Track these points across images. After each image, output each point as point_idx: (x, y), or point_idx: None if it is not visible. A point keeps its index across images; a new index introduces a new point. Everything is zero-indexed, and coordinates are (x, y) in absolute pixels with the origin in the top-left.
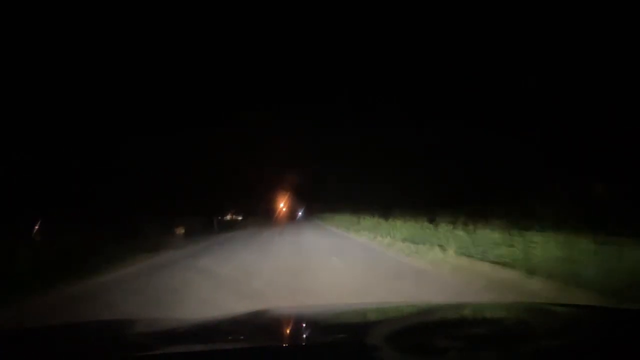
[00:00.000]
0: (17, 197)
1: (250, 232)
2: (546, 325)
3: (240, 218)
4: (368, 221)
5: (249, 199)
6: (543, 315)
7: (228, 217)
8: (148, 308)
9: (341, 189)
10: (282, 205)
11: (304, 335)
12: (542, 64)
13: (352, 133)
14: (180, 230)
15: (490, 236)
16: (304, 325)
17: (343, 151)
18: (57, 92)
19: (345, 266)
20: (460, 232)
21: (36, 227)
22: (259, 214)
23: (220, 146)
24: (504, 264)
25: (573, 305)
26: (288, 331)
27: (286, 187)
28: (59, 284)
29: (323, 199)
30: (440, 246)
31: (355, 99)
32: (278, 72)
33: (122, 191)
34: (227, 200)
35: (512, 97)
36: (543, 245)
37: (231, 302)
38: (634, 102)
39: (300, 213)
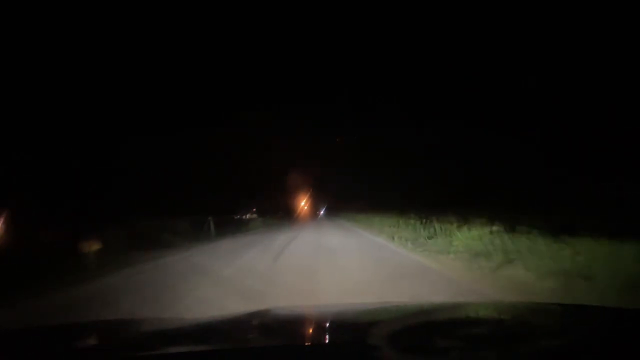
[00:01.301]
0: None
1: (251, 239)
2: (546, 325)
3: (255, 216)
4: (475, 231)
5: (264, 198)
6: (543, 315)
7: (247, 216)
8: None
9: (371, 188)
10: (303, 204)
11: (305, 335)
12: (542, 64)
13: (377, 131)
14: (93, 247)
15: None
16: (305, 325)
17: (363, 150)
18: (57, 92)
19: None
20: None
21: None
22: (277, 212)
23: (224, 145)
24: None
25: (573, 305)
26: (289, 331)
27: (306, 185)
28: None
29: (349, 196)
30: None
31: (363, 98)
32: (278, 72)
33: (122, 191)
34: (242, 199)
35: (513, 96)
36: None
37: None
38: (635, 101)
39: (322, 212)
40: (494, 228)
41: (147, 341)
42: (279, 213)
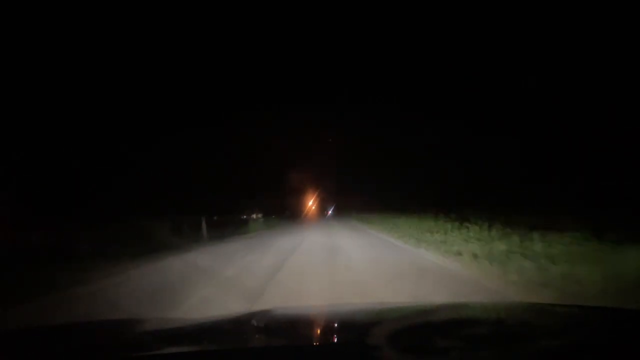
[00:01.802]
0: None
1: (242, 246)
2: (546, 325)
3: (260, 216)
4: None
5: (268, 197)
6: (543, 315)
7: (254, 216)
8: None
9: (378, 188)
10: (311, 203)
11: (305, 335)
12: (542, 64)
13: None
14: None
15: None
16: (305, 325)
17: (365, 150)
18: (57, 92)
19: None
20: None
21: None
22: (283, 212)
23: (224, 145)
24: None
25: (573, 305)
26: (289, 331)
27: (312, 185)
28: None
29: (356, 196)
30: None
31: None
32: (278, 72)
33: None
34: (242, 199)
35: (513, 97)
36: None
37: None
38: (634, 102)
39: (330, 212)
40: None
41: (147, 341)
42: (286, 213)
